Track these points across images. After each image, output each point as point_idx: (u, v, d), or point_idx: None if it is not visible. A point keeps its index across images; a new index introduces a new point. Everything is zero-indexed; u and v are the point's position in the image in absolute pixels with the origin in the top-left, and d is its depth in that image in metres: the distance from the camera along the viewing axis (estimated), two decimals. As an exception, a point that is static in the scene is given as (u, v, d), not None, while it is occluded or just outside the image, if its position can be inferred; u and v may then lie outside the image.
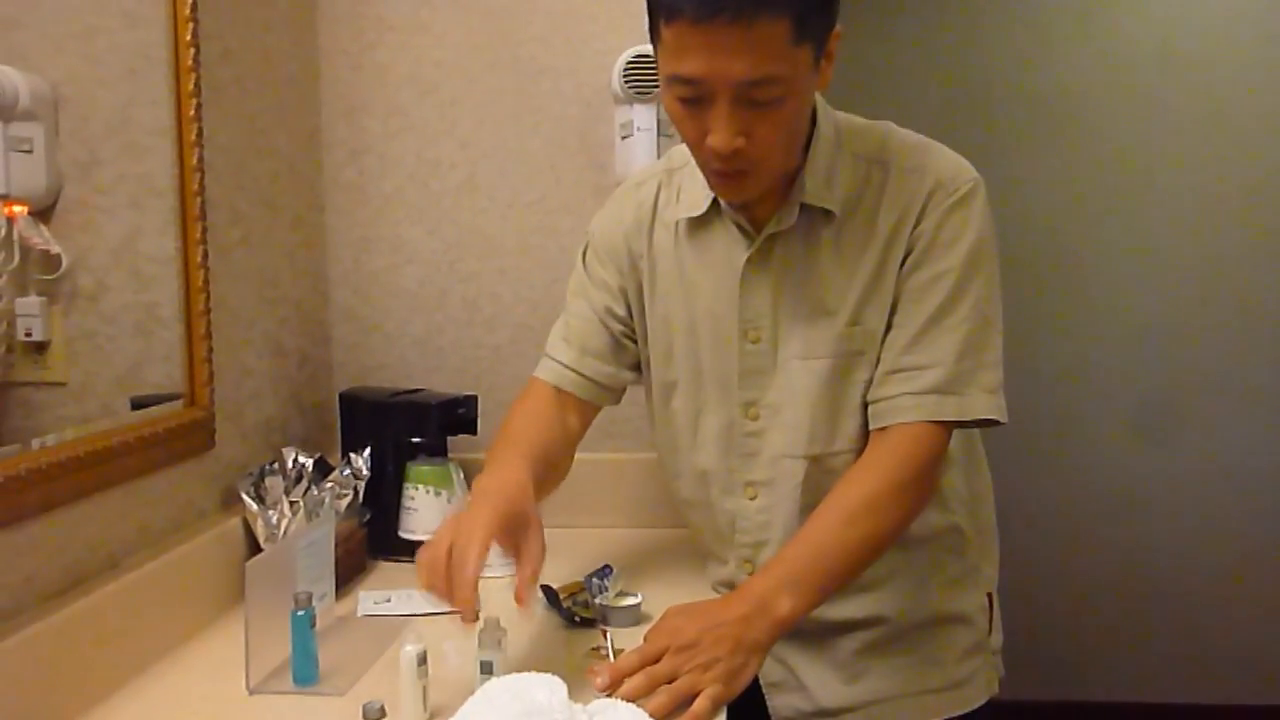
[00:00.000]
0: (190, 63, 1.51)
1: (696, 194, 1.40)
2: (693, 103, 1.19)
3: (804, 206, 1.33)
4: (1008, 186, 3.01)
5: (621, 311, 1.50)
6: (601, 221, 1.54)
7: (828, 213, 1.33)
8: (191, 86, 1.52)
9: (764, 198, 1.34)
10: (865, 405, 1.36)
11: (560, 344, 1.53)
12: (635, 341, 1.52)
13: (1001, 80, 3.39)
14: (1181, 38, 3.32)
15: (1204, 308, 3.37)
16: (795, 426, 1.38)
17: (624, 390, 1.55)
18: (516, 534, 1.22)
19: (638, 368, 1.53)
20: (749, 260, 1.37)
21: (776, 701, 1.46)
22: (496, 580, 1.68)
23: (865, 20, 3.24)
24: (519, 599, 1.17)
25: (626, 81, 1.88)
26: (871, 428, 1.35)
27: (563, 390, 1.50)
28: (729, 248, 1.39)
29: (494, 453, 1.40)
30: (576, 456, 2.03)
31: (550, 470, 1.43)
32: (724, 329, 1.40)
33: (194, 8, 1.52)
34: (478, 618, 1.16)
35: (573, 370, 1.50)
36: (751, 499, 1.43)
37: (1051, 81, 3.37)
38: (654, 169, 1.52)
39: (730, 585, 1.46)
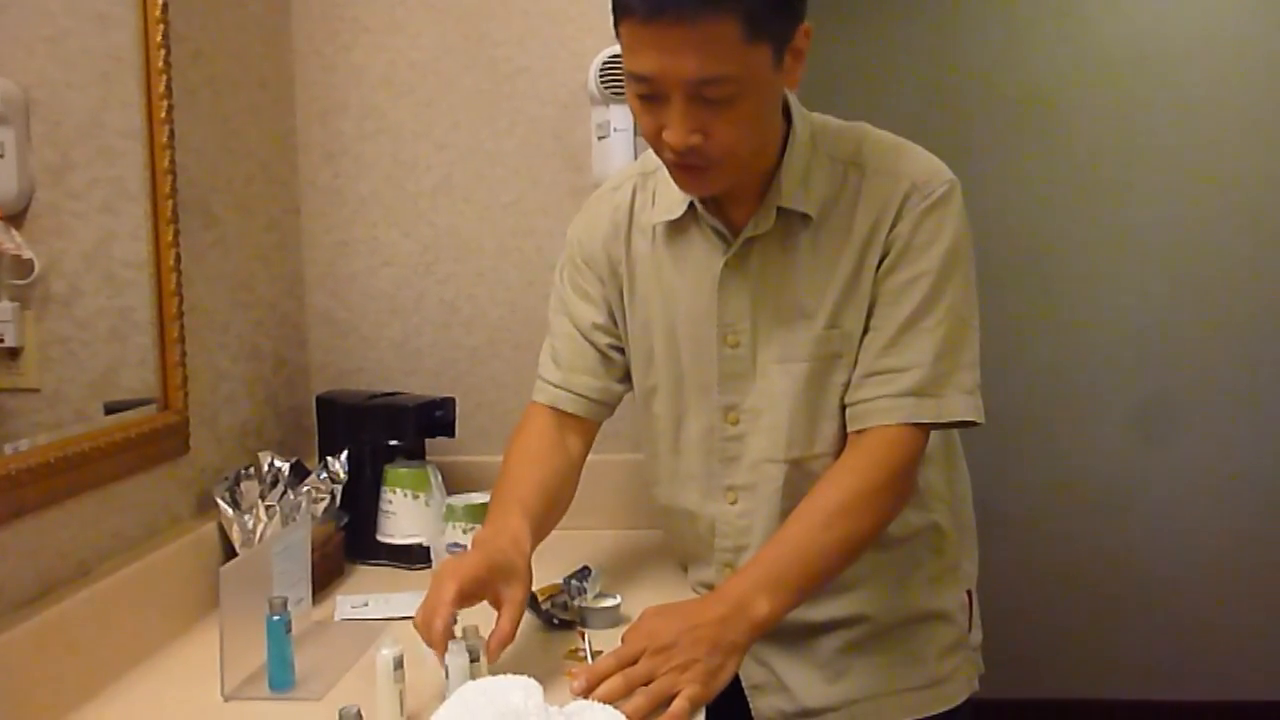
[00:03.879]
0: (161, 65, 1.50)
1: (672, 197, 1.39)
2: (650, 99, 1.21)
3: (780, 210, 1.33)
4: (984, 187, 3.01)
5: (604, 321, 1.50)
6: (578, 230, 1.53)
7: (805, 216, 1.33)
8: (163, 88, 1.51)
9: (739, 201, 1.34)
10: (844, 408, 1.36)
11: (549, 364, 1.53)
12: (622, 351, 1.52)
13: (977, 81, 3.39)
14: (1157, 37, 3.34)
15: (1183, 306, 3.38)
16: (775, 430, 1.38)
17: (618, 402, 1.56)
18: (499, 584, 1.24)
19: (628, 379, 1.53)
20: (726, 264, 1.37)
21: (759, 703, 1.46)
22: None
23: (840, 20, 3.24)
24: (489, 651, 1.19)
25: (603, 82, 1.88)
26: (849, 430, 1.35)
27: (560, 410, 1.51)
28: (706, 252, 1.39)
29: (495, 498, 1.44)
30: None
31: (552, 507, 1.46)
32: (703, 333, 1.40)
33: (165, 9, 1.50)
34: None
35: (564, 390, 1.51)
36: (732, 503, 1.43)
37: (1027, 82, 3.38)
38: (628, 173, 1.52)
39: (712, 587, 1.46)
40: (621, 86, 1.86)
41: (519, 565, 1.27)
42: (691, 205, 1.38)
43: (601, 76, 1.88)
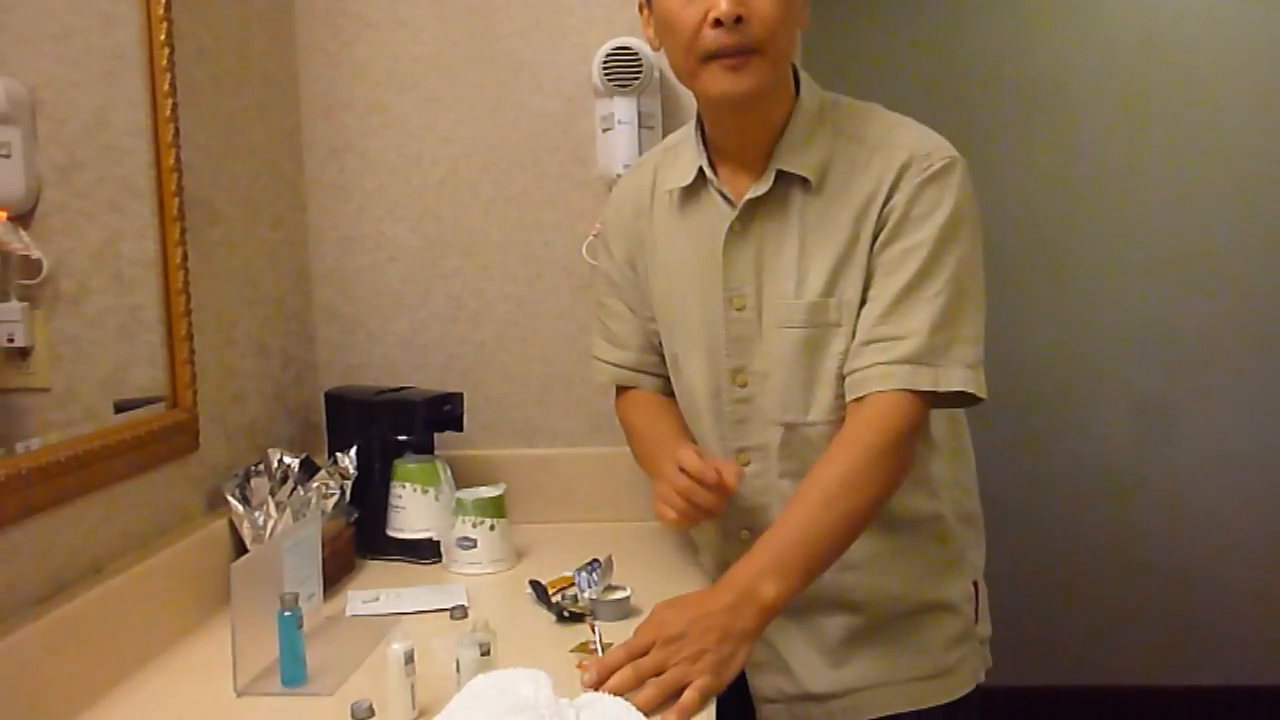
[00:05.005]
0: (165, 62, 1.50)
1: (687, 165, 1.44)
2: None
3: (780, 175, 1.36)
4: (990, 174, 3.00)
5: (645, 305, 1.56)
6: (607, 213, 1.61)
7: (804, 181, 1.36)
8: (167, 86, 1.51)
9: (746, 169, 1.39)
10: (841, 378, 1.37)
11: (604, 346, 1.62)
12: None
13: (984, 67, 3.38)
14: (1164, 24, 3.32)
15: (1191, 294, 3.37)
16: (774, 393, 1.40)
17: None
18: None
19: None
20: (730, 228, 1.39)
21: (759, 680, 1.46)
22: (489, 576, 1.69)
23: (848, 7, 3.23)
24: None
25: (606, 74, 1.88)
26: (848, 399, 1.35)
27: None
28: (715, 217, 1.42)
29: (650, 454, 1.54)
30: (563, 451, 2.03)
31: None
32: (712, 297, 1.43)
33: (168, 7, 1.51)
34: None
35: (640, 371, 1.60)
36: (745, 465, 1.44)
37: (1034, 68, 3.37)
38: (651, 152, 1.60)
39: (725, 562, 1.46)
40: (625, 78, 1.86)
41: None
42: (701, 172, 1.42)
43: (605, 69, 1.87)
